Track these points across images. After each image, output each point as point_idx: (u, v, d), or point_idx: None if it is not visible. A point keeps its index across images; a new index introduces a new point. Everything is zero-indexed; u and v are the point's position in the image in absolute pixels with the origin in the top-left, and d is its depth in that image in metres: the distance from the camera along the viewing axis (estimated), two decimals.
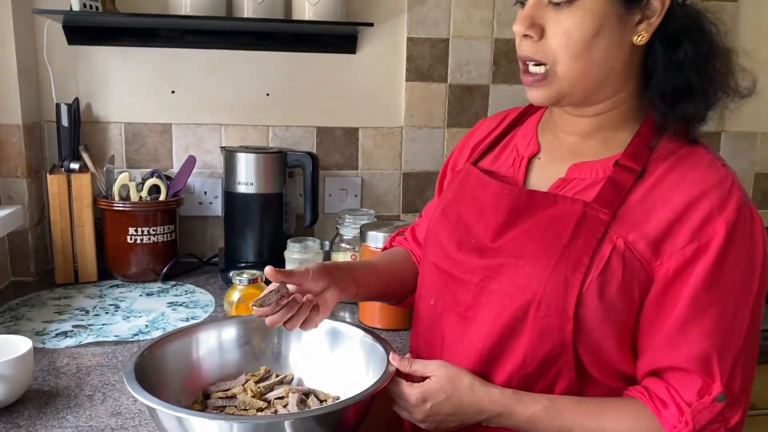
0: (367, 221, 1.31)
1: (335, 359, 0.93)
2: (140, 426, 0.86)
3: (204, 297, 1.37)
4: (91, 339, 1.13)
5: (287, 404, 0.88)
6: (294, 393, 0.89)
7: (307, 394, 0.90)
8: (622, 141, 0.78)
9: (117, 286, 1.42)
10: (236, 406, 0.86)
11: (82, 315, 1.24)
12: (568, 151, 0.82)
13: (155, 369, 0.83)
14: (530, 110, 0.91)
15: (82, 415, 0.89)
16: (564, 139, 0.83)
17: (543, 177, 0.82)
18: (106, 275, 1.46)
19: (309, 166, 1.46)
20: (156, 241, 1.43)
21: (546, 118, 0.88)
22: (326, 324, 0.94)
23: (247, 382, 0.91)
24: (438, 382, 0.78)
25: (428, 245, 0.91)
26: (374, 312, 1.21)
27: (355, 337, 0.91)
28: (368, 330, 0.92)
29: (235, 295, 1.14)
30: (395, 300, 1.02)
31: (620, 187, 0.75)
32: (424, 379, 0.79)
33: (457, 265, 0.83)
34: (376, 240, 1.19)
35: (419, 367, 0.80)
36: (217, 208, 1.62)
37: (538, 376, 0.76)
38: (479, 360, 0.79)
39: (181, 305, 1.31)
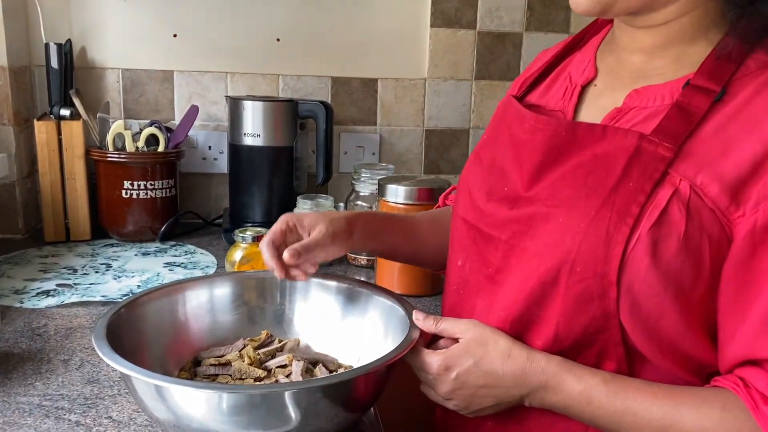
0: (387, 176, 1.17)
1: (349, 324, 0.80)
2: (118, 395, 0.74)
3: (205, 258, 1.24)
4: (75, 299, 1.01)
5: (290, 374, 0.75)
6: (299, 361, 0.76)
7: (314, 363, 0.77)
8: (698, 57, 0.61)
9: (111, 245, 1.30)
10: (231, 375, 0.73)
11: (68, 274, 1.12)
12: (630, 75, 0.65)
13: (134, 330, 0.71)
14: (591, 30, 0.75)
15: (53, 382, 0.76)
16: (626, 59, 0.66)
17: (597, 107, 0.67)
18: (100, 234, 1.33)
19: (322, 117, 1.32)
20: (154, 196, 1.31)
21: (608, 38, 0.71)
22: (338, 284, 0.81)
23: (244, 347, 0.78)
24: (465, 345, 0.64)
25: (459, 196, 0.77)
26: (393, 273, 1.07)
27: (373, 298, 0.78)
28: (388, 291, 0.78)
29: (237, 255, 1.02)
30: (435, 267, 0.89)
31: (690, 113, 0.58)
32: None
33: (485, 218, 0.68)
34: (396, 194, 1.05)
35: (448, 325, 0.66)
36: (222, 164, 1.48)
37: (577, 354, 0.62)
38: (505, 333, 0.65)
39: (179, 266, 1.19)
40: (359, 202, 1.22)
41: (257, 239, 1.01)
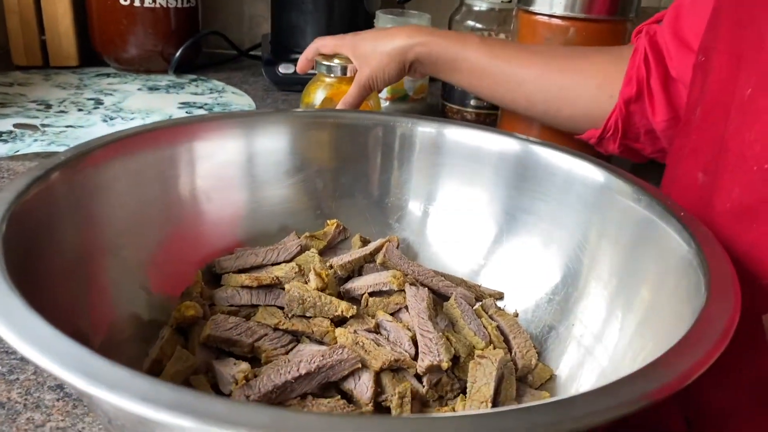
0: None
1: (526, 222, 0.43)
2: None
3: (239, 99, 0.86)
4: (37, 147, 0.64)
5: (397, 309, 0.39)
6: (416, 288, 0.40)
7: (440, 292, 0.41)
8: None
9: (107, 75, 0.92)
10: (284, 310, 0.37)
11: (37, 111, 0.75)
12: None
13: (83, 215, 0.34)
14: None
15: None
16: None
17: None
18: (91, 60, 0.95)
19: None
20: (166, 6, 0.90)
21: None
22: (502, 141, 0.43)
23: (301, 251, 0.42)
24: None
25: None
26: None
27: (595, 184, 0.39)
28: (636, 182, 0.38)
29: (318, 95, 0.65)
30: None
31: None
32: None
33: None
34: (552, 2, 0.64)
35: None
36: None
37: None
38: None
39: (200, 107, 0.81)
40: (471, 23, 0.81)
41: (347, 71, 0.64)
